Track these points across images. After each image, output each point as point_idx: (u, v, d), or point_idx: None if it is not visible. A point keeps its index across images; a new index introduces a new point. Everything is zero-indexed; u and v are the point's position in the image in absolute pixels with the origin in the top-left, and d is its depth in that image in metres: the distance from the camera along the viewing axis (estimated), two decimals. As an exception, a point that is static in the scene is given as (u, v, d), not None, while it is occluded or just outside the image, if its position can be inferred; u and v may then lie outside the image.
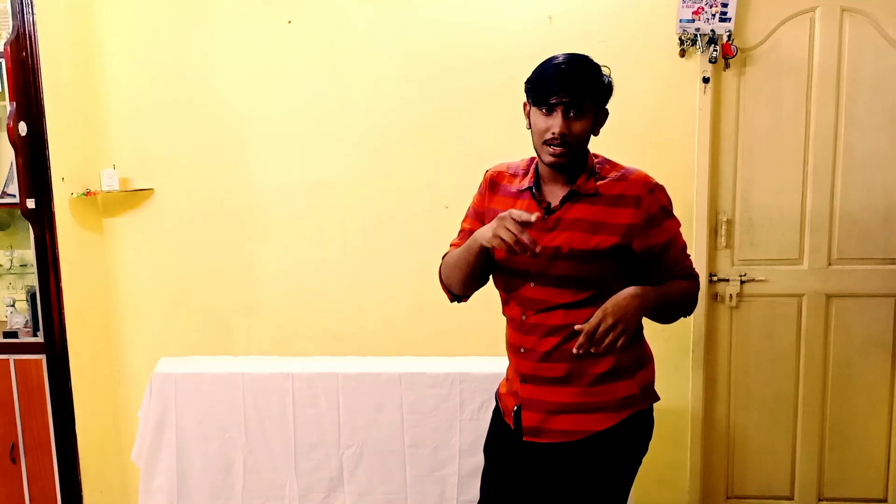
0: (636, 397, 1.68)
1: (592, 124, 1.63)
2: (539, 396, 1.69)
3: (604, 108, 1.66)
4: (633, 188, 1.62)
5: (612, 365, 1.65)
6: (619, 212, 1.61)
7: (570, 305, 1.62)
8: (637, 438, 1.72)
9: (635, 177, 1.65)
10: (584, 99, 1.58)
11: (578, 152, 1.63)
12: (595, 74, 1.61)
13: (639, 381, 1.70)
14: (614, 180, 1.64)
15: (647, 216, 1.61)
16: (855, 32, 2.63)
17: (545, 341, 1.66)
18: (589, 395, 1.65)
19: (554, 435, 1.68)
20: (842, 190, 2.70)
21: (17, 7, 2.45)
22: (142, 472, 2.36)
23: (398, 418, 2.24)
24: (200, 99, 2.80)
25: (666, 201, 1.66)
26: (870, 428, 2.81)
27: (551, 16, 2.66)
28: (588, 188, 1.63)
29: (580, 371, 1.65)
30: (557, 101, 1.57)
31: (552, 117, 1.59)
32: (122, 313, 2.93)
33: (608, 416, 1.66)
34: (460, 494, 2.23)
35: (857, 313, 2.75)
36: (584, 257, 1.60)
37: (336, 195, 2.80)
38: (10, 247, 2.80)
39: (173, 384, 2.32)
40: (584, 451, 1.67)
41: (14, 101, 2.46)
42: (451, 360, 2.33)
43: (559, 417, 1.67)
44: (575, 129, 1.59)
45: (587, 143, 1.65)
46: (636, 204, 1.61)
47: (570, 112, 1.58)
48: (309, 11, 2.73)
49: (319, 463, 2.28)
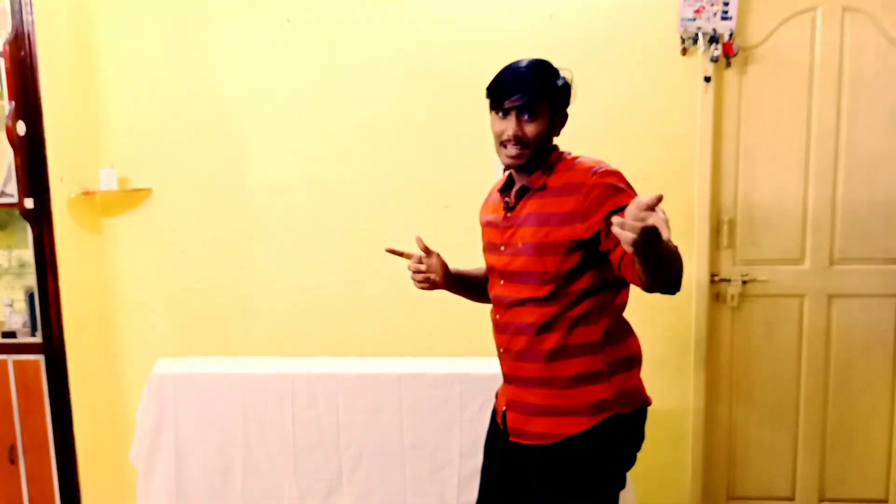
0: (611, 402, 1.65)
1: (548, 126, 1.66)
2: (520, 397, 1.72)
3: (561, 111, 1.69)
4: (577, 175, 1.61)
5: (584, 368, 1.64)
6: (564, 200, 1.61)
7: (535, 301, 1.64)
8: (614, 444, 1.68)
9: (582, 165, 1.63)
10: (535, 102, 1.62)
11: (537, 153, 1.66)
12: (547, 78, 1.65)
13: (615, 385, 1.66)
14: (563, 172, 1.65)
15: (591, 199, 1.56)
16: (856, 32, 2.62)
17: (517, 340, 1.69)
18: (563, 398, 1.65)
19: (533, 437, 1.70)
20: (843, 189, 2.69)
21: (15, 7, 2.45)
22: (140, 473, 2.35)
23: (398, 419, 2.24)
24: (199, 98, 2.79)
25: (613, 180, 1.56)
26: (871, 428, 2.81)
27: (551, 14, 2.65)
28: (537, 183, 1.66)
29: (553, 372, 1.65)
30: (510, 104, 1.63)
31: (507, 120, 1.64)
32: (120, 314, 2.92)
33: (581, 420, 1.64)
34: (460, 495, 2.22)
35: (858, 313, 2.74)
36: (537, 250, 1.63)
37: (335, 195, 2.79)
38: (9, 247, 2.79)
39: (172, 385, 2.31)
40: (559, 453, 1.67)
41: (12, 101, 2.45)
42: (451, 361, 2.33)
43: (538, 419, 1.69)
44: (528, 131, 1.63)
45: (546, 144, 1.68)
46: (579, 189, 1.58)
47: (523, 114, 1.63)
48: (308, 10, 2.72)
49: (319, 464, 2.27)
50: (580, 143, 2.70)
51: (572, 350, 1.64)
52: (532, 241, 1.63)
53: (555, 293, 1.62)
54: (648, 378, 1.83)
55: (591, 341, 1.64)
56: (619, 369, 1.68)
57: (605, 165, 1.61)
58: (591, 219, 1.56)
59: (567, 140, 2.74)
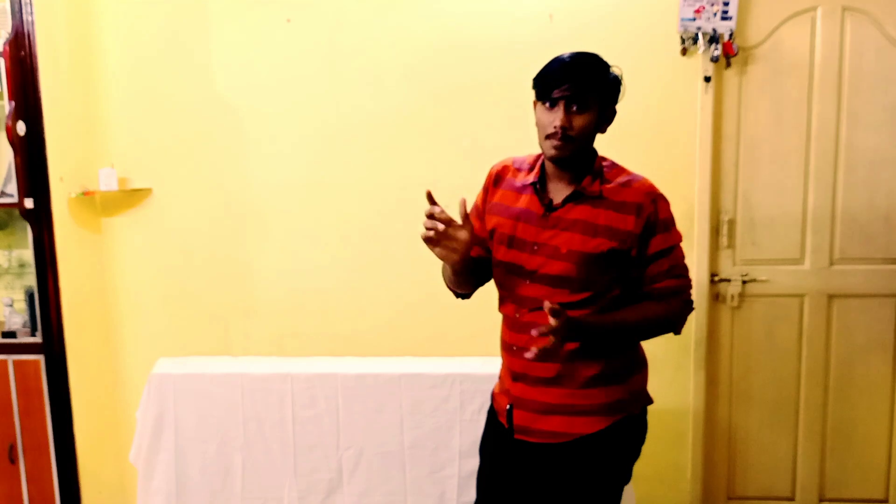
0: (626, 402, 1.67)
1: (597, 121, 1.62)
2: (530, 395, 1.69)
3: (610, 106, 1.66)
4: (637, 195, 1.61)
5: (602, 368, 1.65)
6: (621, 217, 1.60)
7: (565, 306, 1.58)
8: (626, 443, 1.70)
9: (640, 184, 1.64)
10: (585, 93, 1.57)
11: (582, 148, 1.63)
12: (598, 70, 1.61)
13: (630, 385, 1.69)
14: (620, 185, 1.63)
15: (646, 225, 1.60)
16: (856, 31, 2.62)
17: (538, 340, 1.63)
18: (579, 398, 1.65)
19: (544, 435, 1.68)
20: (843, 189, 2.69)
21: (15, 6, 2.45)
22: (140, 473, 2.35)
23: (398, 419, 2.23)
24: (199, 98, 2.79)
25: (667, 214, 1.64)
26: (871, 428, 2.80)
27: (552, 14, 2.65)
28: (593, 190, 1.63)
29: (571, 373, 1.64)
30: (560, 94, 1.57)
31: (554, 111, 1.59)
32: (120, 313, 2.92)
33: (598, 420, 1.65)
34: (460, 495, 2.22)
35: (858, 314, 2.74)
36: (581, 259, 1.60)
37: (335, 194, 2.79)
38: (9, 247, 2.79)
39: (172, 385, 2.31)
40: (572, 453, 1.66)
41: (12, 101, 2.45)
42: (451, 361, 2.33)
43: (549, 418, 1.67)
44: (577, 123, 1.58)
45: (591, 139, 1.64)
46: (637, 212, 1.60)
47: (572, 106, 1.58)
48: (308, 10, 2.72)
49: (318, 464, 2.27)
50: (580, 143, 2.71)
51: (592, 352, 1.64)
52: (580, 250, 1.60)
53: (588, 299, 1.62)
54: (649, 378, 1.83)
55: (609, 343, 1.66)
56: (634, 371, 1.70)
57: (658, 190, 1.65)
58: (644, 244, 1.61)
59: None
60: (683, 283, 1.66)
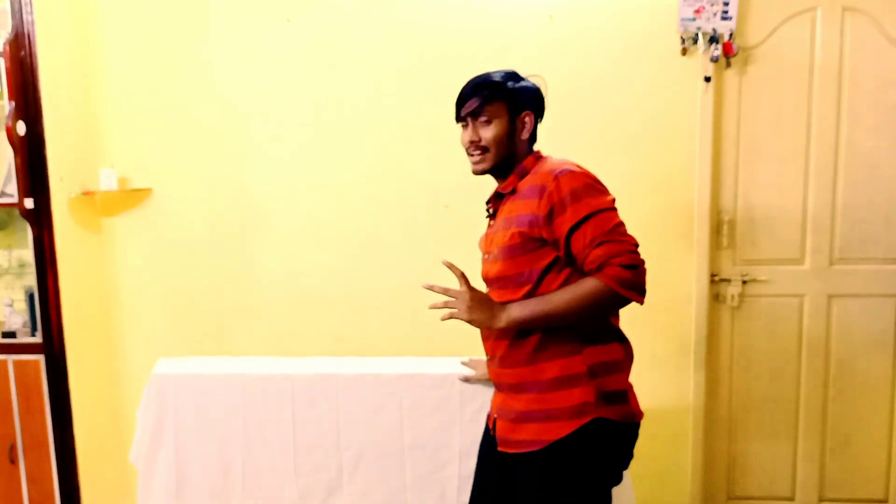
0: (591, 405, 1.60)
1: (508, 129, 1.68)
2: (507, 405, 1.72)
3: (524, 112, 1.69)
4: (540, 178, 1.60)
5: (562, 370, 1.62)
6: (526, 203, 1.61)
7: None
8: (598, 450, 1.63)
9: (547, 167, 1.62)
10: (487, 104, 1.66)
11: (500, 157, 1.69)
12: (499, 81, 1.68)
13: (597, 387, 1.61)
14: (532, 175, 1.65)
15: (551, 205, 1.56)
16: (856, 32, 2.62)
17: (499, 346, 1.70)
18: (544, 402, 1.63)
19: (518, 444, 1.68)
20: (843, 190, 2.69)
21: (15, 6, 2.45)
22: (140, 473, 2.35)
23: (398, 419, 2.23)
24: (199, 98, 2.79)
25: (574, 185, 1.55)
26: (871, 429, 2.81)
27: (552, 15, 2.65)
28: (507, 188, 1.69)
29: (532, 376, 1.64)
30: (465, 111, 1.70)
31: (466, 130, 1.71)
32: (120, 314, 2.92)
33: (563, 425, 1.61)
34: (460, 495, 2.22)
35: (858, 314, 2.75)
36: (504, 254, 1.64)
37: (336, 195, 2.79)
38: (9, 247, 2.79)
39: (172, 385, 2.30)
40: (543, 461, 1.64)
41: (12, 101, 2.45)
42: (451, 361, 2.32)
43: (522, 426, 1.67)
44: (484, 135, 1.67)
45: (507, 147, 1.69)
46: (540, 193, 1.58)
47: (477, 119, 1.68)
48: (308, 11, 2.72)
49: (319, 464, 2.26)
50: (580, 144, 2.71)
51: (550, 353, 1.63)
52: (502, 245, 1.65)
53: (531, 295, 1.61)
54: (648, 378, 1.83)
55: (567, 344, 1.62)
56: (601, 372, 1.63)
57: (567, 168, 1.59)
58: (553, 225, 1.57)
59: (567, 141, 2.75)
60: (612, 248, 1.52)
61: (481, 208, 2.74)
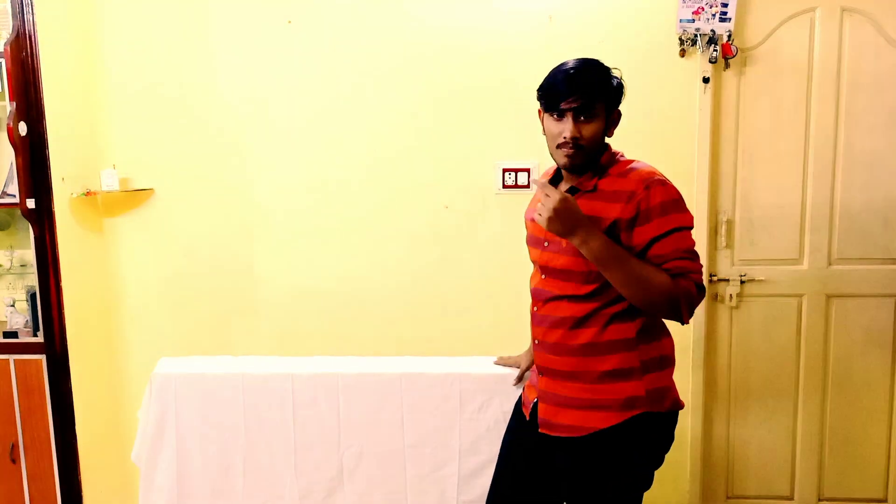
0: (642, 399, 1.66)
1: (604, 126, 1.67)
2: (552, 389, 1.74)
3: (615, 110, 1.70)
4: (630, 184, 1.62)
5: (617, 364, 1.66)
6: (609, 206, 1.62)
7: (574, 298, 1.66)
8: (642, 441, 1.69)
9: (637, 173, 1.64)
10: (592, 103, 1.62)
11: (592, 153, 1.67)
12: (603, 78, 1.66)
13: (647, 383, 1.67)
14: (616, 176, 1.66)
15: (637, 212, 1.60)
16: (855, 32, 2.63)
17: (551, 333, 1.71)
18: (594, 392, 1.68)
19: (562, 429, 1.72)
20: (842, 190, 2.70)
21: (17, 7, 2.45)
22: (142, 473, 2.36)
23: (398, 418, 2.24)
24: (200, 99, 2.80)
25: (664, 198, 1.60)
26: (870, 428, 2.81)
27: (551, 15, 2.66)
28: (587, 185, 1.67)
29: (586, 367, 1.68)
30: (567, 106, 1.62)
31: (563, 122, 1.63)
32: (122, 313, 2.93)
33: (611, 415, 1.66)
34: (460, 494, 2.23)
35: (857, 313, 2.75)
36: (578, 251, 1.63)
37: (336, 195, 2.80)
38: (10, 247, 2.80)
39: (173, 384, 2.31)
40: (588, 447, 1.69)
41: (14, 102, 2.46)
42: (451, 360, 2.33)
43: (568, 412, 1.71)
44: (585, 132, 1.63)
45: (600, 144, 1.69)
46: (628, 199, 1.61)
47: (580, 116, 1.62)
48: (309, 11, 2.73)
49: (319, 463, 2.27)
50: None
51: (606, 346, 1.66)
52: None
53: (595, 291, 1.65)
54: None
55: (625, 338, 1.66)
56: (652, 368, 1.69)
57: (658, 178, 1.62)
58: (634, 231, 1.60)
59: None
60: (691, 265, 1.61)
61: (481, 208, 2.76)
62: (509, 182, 2.73)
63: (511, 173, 2.73)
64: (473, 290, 2.79)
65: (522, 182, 2.73)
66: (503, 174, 2.73)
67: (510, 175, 2.73)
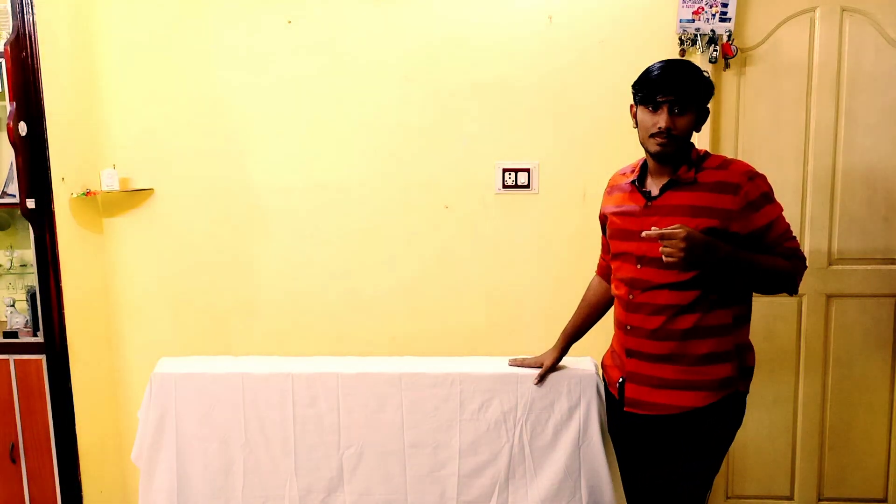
0: (735, 379, 1.82)
1: (695, 120, 1.79)
2: (643, 371, 1.85)
3: (705, 107, 1.82)
4: (734, 176, 1.76)
5: (716, 347, 1.78)
6: (719, 197, 1.74)
7: (674, 286, 1.78)
8: (732, 417, 1.85)
9: (735, 166, 1.78)
10: (687, 97, 1.76)
11: (683, 144, 1.79)
12: (695, 76, 1.79)
13: (739, 363, 1.82)
14: (714, 169, 1.79)
15: (746, 202, 1.74)
16: (855, 32, 2.63)
17: (651, 319, 1.81)
18: (691, 374, 1.79)
19: (654, 408, 1.84)
20: (842, 190, 2.70)
21: (17, 7, 2.45)
22: (142, 472, 2.36)
23: (398, 418, 2.24)
24: (200, 99, 2.80)
25: (766, 188, 1.77)
26: (870, 428, 2.81)
27: (551, 15, 2.66)
28: (687, 177, 1.79)
29: (684, 351, 1.79)
30: (663, 99, 1.76)
31: (658, 114, 1.77)
32: (122, 313, 2.93)
33: (708, 395, 1.79)
34: (460, 494, 2.23)
35: (857, 313, 2.75)
36: None
37: (336, 195, 2.80)
38: (10, 247, 2.80)
39: (173, 384, 2.31)
40: (681, 424, 1.82)
41: (14, 102, 2.46)
42: (451, 360, 2.33)
43: (661, 392, 1.83)
44: (679, 124, 1.77)
45: (690, 137, 1.79)
46: (735, 191, 1.74)
47: (674, 109, 1.76)
48: (309, 12, 2.73)
49: (319, 463, 2.27)
50: (580, 144, 2.72)
51: (706, 331, 1.78)
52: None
53: (697, 278, 1.75)
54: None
55: (723, 323, 1.79)
56: (744, 350, 1.85)
57: (756, 171, 1.78)
58: (748, 220, 1.74)
59: (567, 141, 2.76)
60: (797, 243, 1.81)
61: (481, 208, 2.76)
62: (509, 182, 2.73)
63: (511, 173, 2.73)
64: (473, 290, 2.80)
65: (522, 182, 2.73)
66: (503, 174, 2.73)
67: (510, 175, 2.73)
